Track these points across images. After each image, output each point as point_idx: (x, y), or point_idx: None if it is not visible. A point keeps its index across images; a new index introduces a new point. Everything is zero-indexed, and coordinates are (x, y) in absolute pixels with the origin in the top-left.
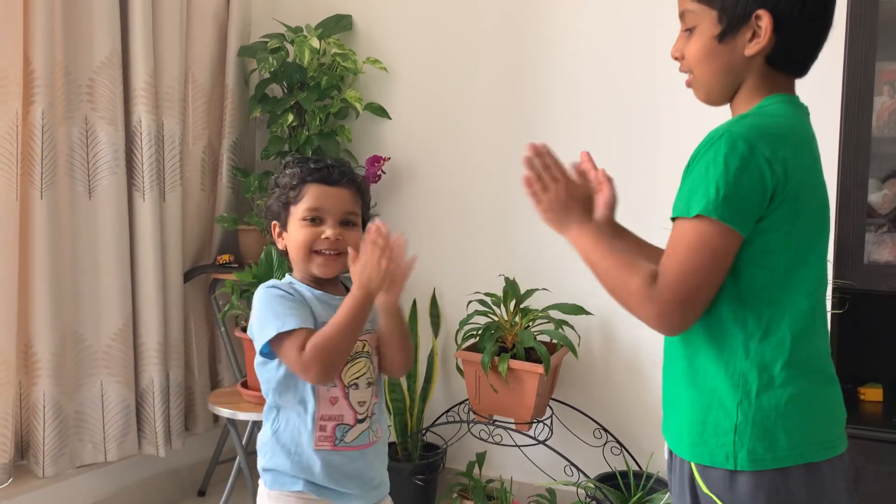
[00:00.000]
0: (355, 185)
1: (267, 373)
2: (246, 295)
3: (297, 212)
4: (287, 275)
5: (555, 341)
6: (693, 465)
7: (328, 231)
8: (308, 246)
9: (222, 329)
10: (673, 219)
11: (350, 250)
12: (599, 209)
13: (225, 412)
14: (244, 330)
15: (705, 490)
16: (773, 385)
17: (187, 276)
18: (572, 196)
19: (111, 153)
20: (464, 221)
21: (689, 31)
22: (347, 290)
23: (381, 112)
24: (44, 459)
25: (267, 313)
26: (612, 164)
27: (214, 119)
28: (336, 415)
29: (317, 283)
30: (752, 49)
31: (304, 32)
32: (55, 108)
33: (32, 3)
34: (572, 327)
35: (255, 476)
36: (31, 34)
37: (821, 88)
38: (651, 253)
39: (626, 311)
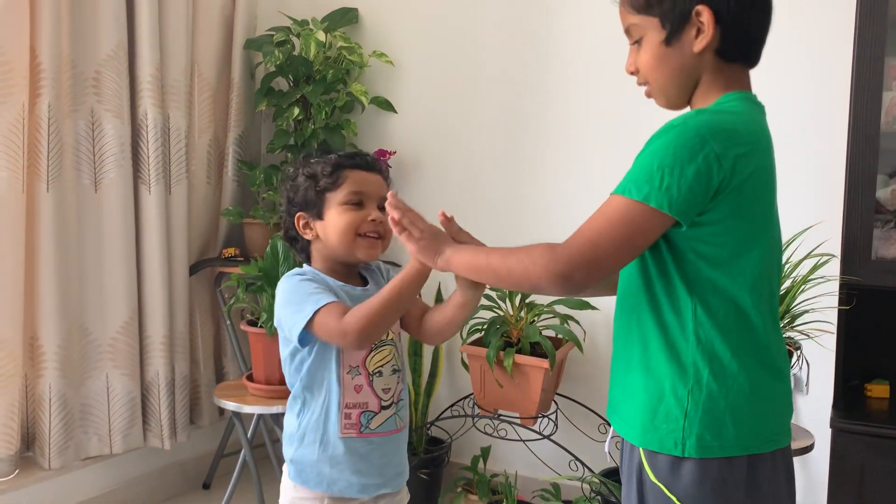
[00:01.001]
0: (384, 173)
1: (297, 363)
2: (252, 289)
3: (337, 197)
4: (305, 265)
5: (560, 336)
6: (642, 451)
7: (374, 213)
8: (353, 229)
9: (228, 322)
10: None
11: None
12: None
13: (230, 405)
14: (250, 323)
15: (652, 479)
16: (723, 374)
17: (193, 270)
18: (437, 228)
19: (117, 146)
20: (469, 216)
21: (637, 43)
22: (363, 279)
23: (386, 106)
24: (49, 451)
25: (300, 296)
26: (616, 155)
27: (220, 112)
28: (361, 402)
29: (337, 272)
30: (699, 45)
31: (310, 26)
32: (61, 101)
33: None
34: (577, 322)
35: (260, 469)
36: (37, 27)
37: (830, 84)
38: None
39: (525, 285)
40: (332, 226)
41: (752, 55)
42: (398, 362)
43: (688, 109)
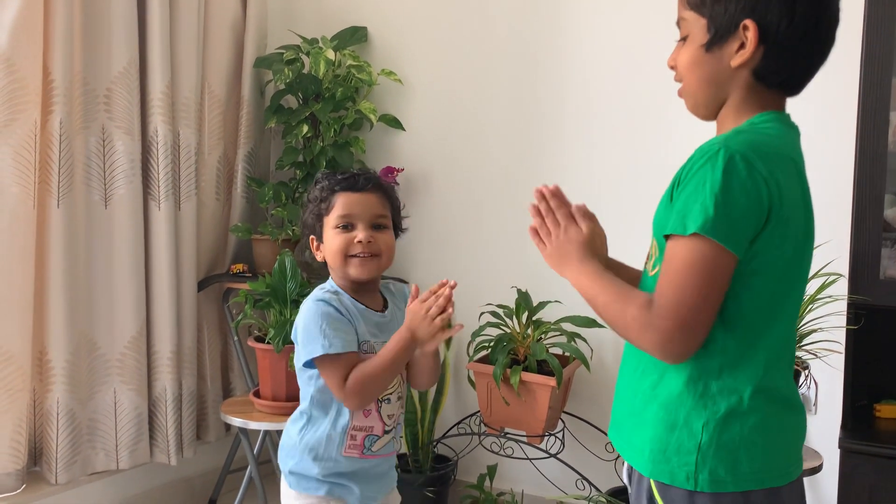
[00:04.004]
0: (382, 190)
1: (307, 378)
2: (259, 305)
3: (330, 221)
4: (329, 280)
5: (567, 354)
6: (653, 482)
7: (360, 234)
8: (343, 251)
9: (235, 338)
10: (666, 236)
11: (413, 285)
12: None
13: (237, 421)
14: (257, 339)
15: None
16: (741, 409)
17: (201, 285)
18: (573, 238)
19: (127, 162)
20: (476, 233)
21: (683, 39)
22: (384, 300)
23: (395, 123)
24: (56, 466)
25: (314, 329)
26: (625, 173)
27: (230, 129)
28: (367, 426)
29: (356, 291)
30: (737, 60)
31: (320, 44)
32: (73, 118)
33: (52, 13)
34: (585, 340)
35: (266, 486)
36: (50, 44)
37: (836, 104)
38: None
39: (631, 343)
40: (327, 248)
41: (792, 84)
42: (403, 390)
43: (714, 124)
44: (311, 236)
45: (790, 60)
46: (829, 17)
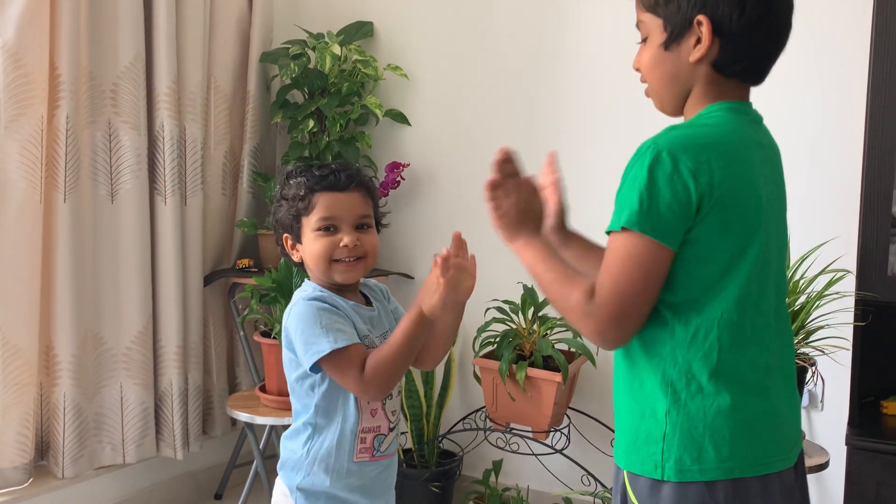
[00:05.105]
0: (365, 188)
1: (308, 388)
2: (265, 300)
3: (310, 223)
4: (307, 281)
5: (573, 350)
6: (626, 473)
7: (346, 238)
8: (327, 256)
9: (241, 333)
10: (607, 233)
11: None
12: (548, 217)
13: (243, 416)
14: (263, 334)
15: (634, 500)
16: (701, 394)
17: (207, 280)
18: (528, 208)
19: (134, 157)
20: (482, 228)
21: (644, 41)
22: (365, 296)
23: (400, 118)
24: (63, 460)
25: (313, 329)
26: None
27: (236, 124)
28: (375, 426)
29: (340, 290)
30: (695, 55)
31: (326, 39)
32: (79, 113)
33: (59, 8)
34: None
35: (271, 480)
36: (56, 39)
37: (846, 98)
38: (600, 257)
39: (570, 323)
40: (307, 251)
41: (752, 73)
42: (401, 384)
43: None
44: (286, 235)
45: (746, 50)
46: (782, 4)
